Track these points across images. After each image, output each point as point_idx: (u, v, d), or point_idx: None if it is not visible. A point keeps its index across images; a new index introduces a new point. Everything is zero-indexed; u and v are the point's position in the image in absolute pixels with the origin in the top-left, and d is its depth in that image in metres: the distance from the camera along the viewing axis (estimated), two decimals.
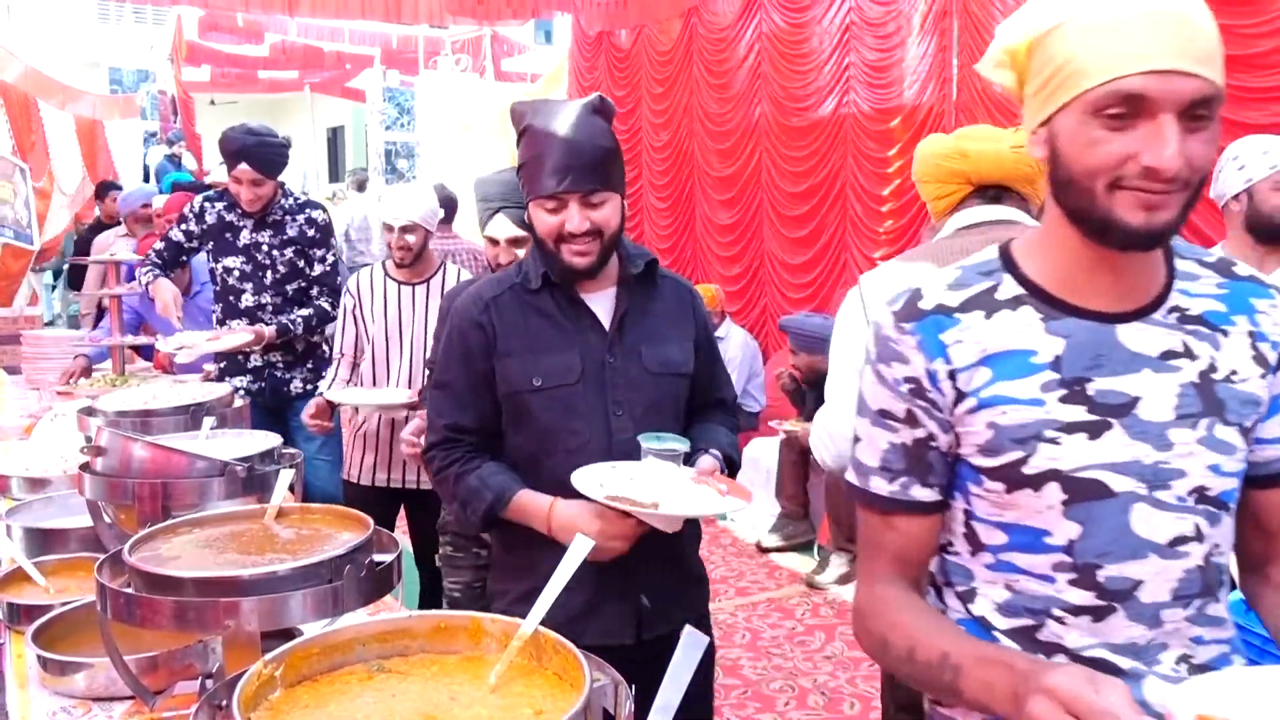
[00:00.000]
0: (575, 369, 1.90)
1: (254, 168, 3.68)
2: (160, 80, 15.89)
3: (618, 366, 1.92)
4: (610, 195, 1.86)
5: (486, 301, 1.94)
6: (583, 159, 1.82)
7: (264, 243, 3.82)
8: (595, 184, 1.83)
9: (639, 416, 1.91)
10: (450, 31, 12.76)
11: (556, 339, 1.91)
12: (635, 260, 1.97)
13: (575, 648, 1.08)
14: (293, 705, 1.06)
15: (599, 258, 1.88)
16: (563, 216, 1.84)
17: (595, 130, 1.85)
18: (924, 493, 1.25)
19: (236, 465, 1.74)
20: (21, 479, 2.46)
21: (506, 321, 1.92)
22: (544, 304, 1.93)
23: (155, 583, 1.31)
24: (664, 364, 1.96)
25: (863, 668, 4.00)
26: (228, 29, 13.44)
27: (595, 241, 1.86)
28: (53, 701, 1.62)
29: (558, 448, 1.90)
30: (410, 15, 8.65)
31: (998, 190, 2.02)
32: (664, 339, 1.98)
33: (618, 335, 1.93)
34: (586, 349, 1.91)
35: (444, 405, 1.98)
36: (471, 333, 1.93)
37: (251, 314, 3.82)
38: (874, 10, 5.94)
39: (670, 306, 2.02)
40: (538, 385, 1.89)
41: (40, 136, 10.16)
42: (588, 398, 1.90)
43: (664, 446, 1.83)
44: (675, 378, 1.98)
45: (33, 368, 4.45)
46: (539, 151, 1.85)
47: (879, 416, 1.24)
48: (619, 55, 8.51)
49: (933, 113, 5.59)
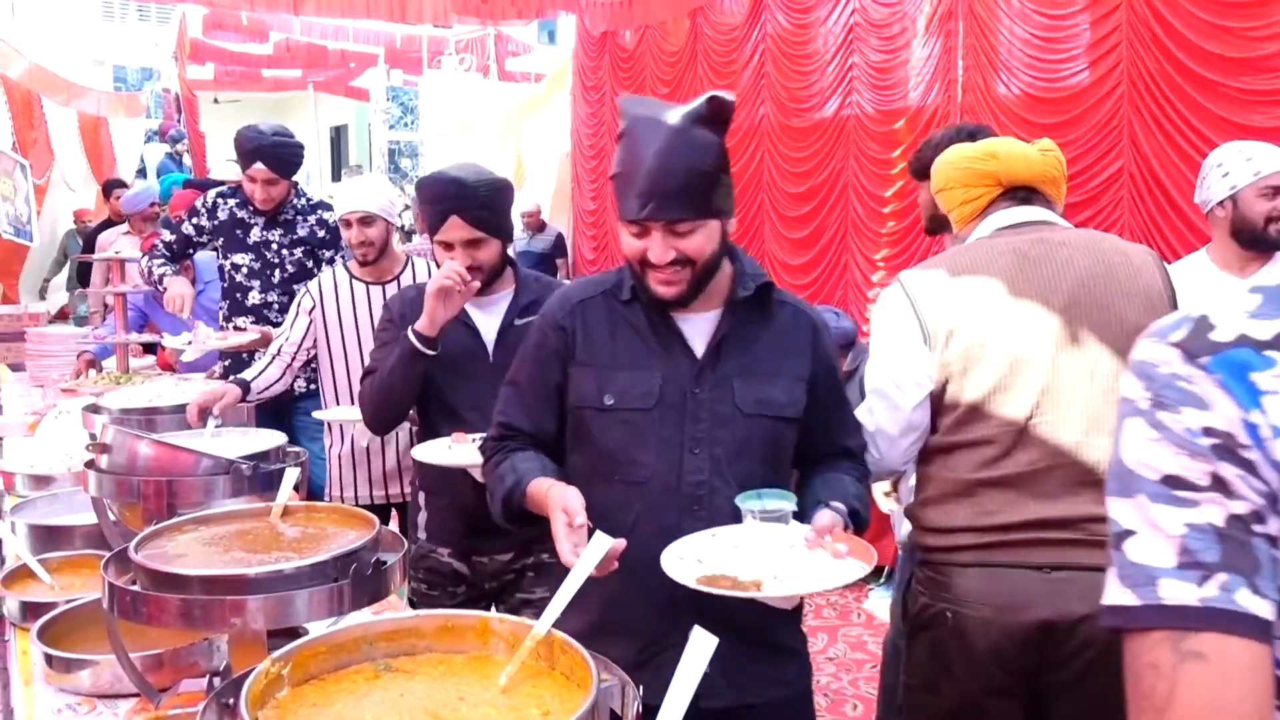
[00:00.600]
0: (653, 394, 1.70)
1: (269, 167, 3.68)
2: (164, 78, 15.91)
3: (703, 399, 1.70)
4: (701, 224, 1.64)
5: (574, 305, 1.79)
6: (671, 184, 1.60)
7: (274, 241, 3.82)
8: (683, 213, 1.62)
9: (720, 459, 1.69)
10: (454, 31, 12.76)
11: (639, 357, 1.73)
12: (746, 281, 1.74)
13: (583, 648, 1.08)
14: (300, 704, 1.06)
15: (689, 288, 1.68)
16: (646, 243, 1.65)
17: (694, 148, 1.62)
18: (1254, 602, 0.78)
19: (242, 463, 1.74)
20: (26, 476, 2.47)
21: (590, 329, 1.76)
22: (635, 317, 1.75)
23: (162, 580, 1.31)
24: (760, 403, 1.72)
25: (865, 669, 4.00)
26: (232, 27, 13.45)
27: (684, 270, 1.66)
28: (58, 699, 1.62)
29: (616, 477, 1.72)
30: (414, 14, 8.65)
31: (1027, 191, 2.01)
32: (766, 374, 1.74)
33: (710, 364, 1.72)
34: (671, 374, 1.71)
35: (507, 402, 1.85)
36: (551, 335, 1.79)
37: (257, 312, 3.81)
38: (879, 12, 5.94)
39: (783, 338, 1.77)
40: (608, 404, 1.72)
41: (42, 133, 10.17)
42: (662, 428, 1.70)
43: (767, 507, 1.58)
44: (773, 421, 1.73)
45: (37, 365, 4.45)
46: (627, 167, 1.65)
47: (1164, 488, 0.82)
48: (624, 56, 8.52)
49: (937, 115, 5.58)
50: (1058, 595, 1.80)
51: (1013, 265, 1.89)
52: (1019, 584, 1.82)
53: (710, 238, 1.66)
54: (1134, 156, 4.64)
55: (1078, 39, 4.91)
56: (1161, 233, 4.54)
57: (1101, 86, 4.76)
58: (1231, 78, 4.22)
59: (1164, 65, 4.48)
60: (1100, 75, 4.78)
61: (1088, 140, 4.81)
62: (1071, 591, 1.80)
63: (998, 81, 5.25)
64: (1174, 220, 4.48)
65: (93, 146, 11.55)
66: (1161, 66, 4.48)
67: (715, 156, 1.64)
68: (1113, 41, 4.70)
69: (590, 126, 9.09)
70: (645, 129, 1.63)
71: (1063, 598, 1.80)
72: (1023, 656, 1.83)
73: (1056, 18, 4.96)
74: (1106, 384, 1.85)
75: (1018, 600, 1.82)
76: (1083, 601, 1.79)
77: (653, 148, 1.61)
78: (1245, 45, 4.18)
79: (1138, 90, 4.59)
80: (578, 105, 9.30)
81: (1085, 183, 4.85)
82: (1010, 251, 1.91)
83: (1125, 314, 1.86)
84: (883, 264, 6.03)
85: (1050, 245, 1.91)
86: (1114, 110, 4.71)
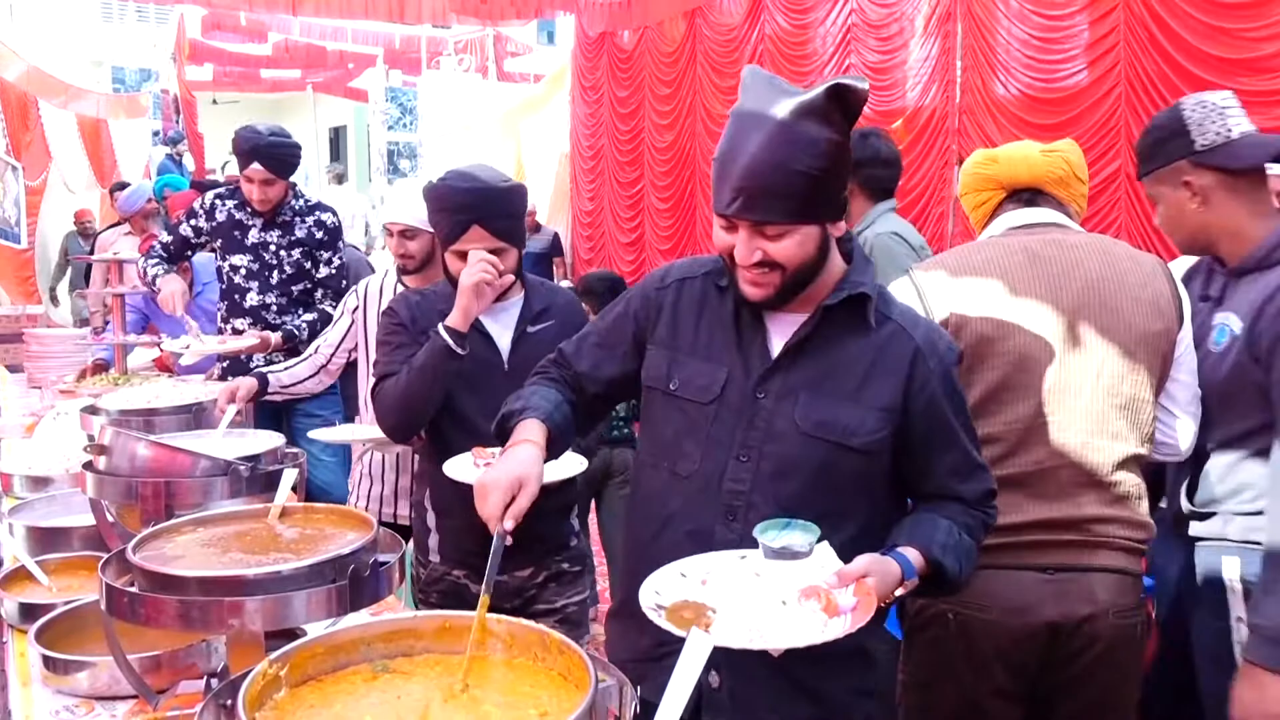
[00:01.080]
0: (715, 389, 1.60)
1: (266, 167, 3.67)
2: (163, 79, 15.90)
3: (765, 406, 1.58)
4: (794, 228, 1.50)
5: (675, 280, 1.71)
6: (763, 182, 1.46)
7: (272, 242, 3.79)
8: (772, 215, 1.48)
9: (767, 474, 1.56)
10: (453, 31, 12.77)
11: (714, 348, 1.63)
12: (842, 287, 1.58)
13: (580, 649, 1.08)
14: (298, 705, 1.06)
15: (778, 292, 1.55)
16: (733, 239, 1.54)
17: (798, 146, 1.45)
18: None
19: (240, 465, 1.74)
20: (24, 477, 2.46)
21: (680, 309, 1.68)
22: (725, 305, 1.64)
23: (160, 582, 1.31)
24: (821, 425, 1.55)
25: None
26: (231, 28, 13.45)
27: (773, 274, 1.53)
28: (55, 700, 1.62)
29: (664, 465, 1.65)
30: (413, 15, 8.66)
31: (1031, 193, 2.01)
32: (839, 393, 1.56)
33: (780, 369, 1.58)
34: (739, 372, 1.60)
35: (578, 340, 1.78)
36: (640, 303, 1.72)
37: (255, 313, 3.79)
38: (877, 12, 5.95)
39: (874, 356, 1.57)
40: (673, 389, 1.64)
41: (38, 135, 10.16)
42: (716, 427, 1.59)
43: (773, 544, 1.44)
44: (834, 446, 1.55)
45: (35, 366, 4.45)
46: (725, 155, 1.52)
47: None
48: (622, 56, 8.52)
49: (935, 115, 5.59)
50: (1062, 596, 1.81)
51: (1023, 263, 1.90)
52: (1024, 586, 1.82)
53: (804, 243, 1.51)
54: (1131, 157, 4.64)
55: (1076, 40, 4.92)
56: (1158, 233, 4.54)
57: (1099, 87, 4.77)
58: (1228, 78, 4.23)
59: (1161, 66, 4.48)
60: (1098, 76, 4.79)
61: (1085, 140, 4.81)
62: (1075, 592, 1.81)
63: (996, 82, 5.25)
64: None
65: (94, 148, 11.55)
66: (1159, 67, 4.49)
67: (823, 156, 1.46)
68: (1110, 42, 4.71)
69: (589, 127, 9.10)
70: (753, 113, 1.49)
71: (1067, 599, 1.81)
72: (1027, 657, 1.84)
73: (1054, 18, 4.97)
74: (1111, 385, 1.85)
75: (1023, 602, 1.82)
76: (1086, 602, 1.81)
77: (755, 139, 1.46)
78: (1242, 46, 4.19)
79: (1135, 91, 4.60)
80: (576, 106, 9.31)
81: None
82: (1021, 250, 1.92)
83: (1133, 319, 1.87)
84: None
85: (1062, 246, 1.92)
86: (1111, 110, 4.72)
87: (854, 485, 1.58)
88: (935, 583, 1.54)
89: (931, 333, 1.62)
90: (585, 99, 9.11)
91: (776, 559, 1.42)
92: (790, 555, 1.43)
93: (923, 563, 1.50)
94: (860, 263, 1.62)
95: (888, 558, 1.46)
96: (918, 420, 1.57)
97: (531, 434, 1.58)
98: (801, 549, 1.43)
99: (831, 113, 1.46)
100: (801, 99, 1.45)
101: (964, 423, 1.63)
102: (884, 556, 1.46)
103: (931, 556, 1.51)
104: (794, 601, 1.36)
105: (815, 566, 1.42)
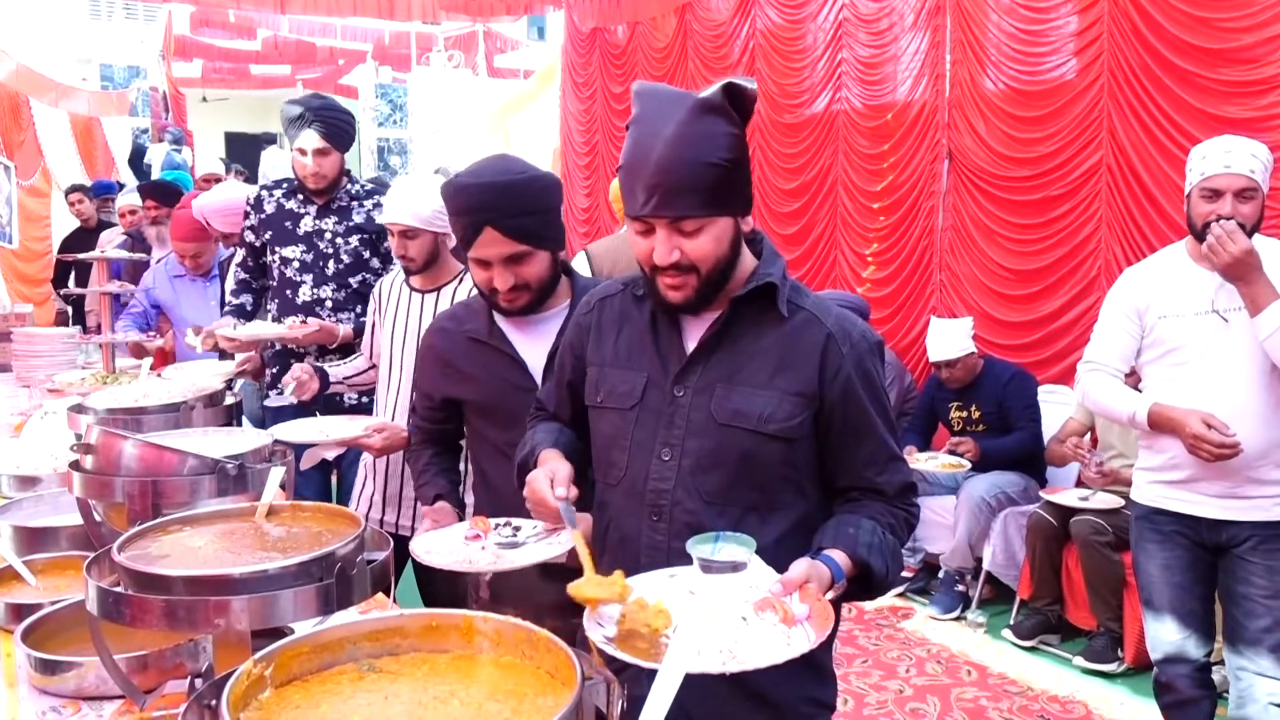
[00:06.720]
0: (635, 394, 1.64)
1: (319, 134, 3.37)
2: (151, 76, 15.82)
3: (683, 403, 1.60)
4: (710, 222, 1.52)
5: (596, 301, 1.77)
6: (674, 178, 1.48)
7: (327, 230, 3.49)
8: (688, 209, 1.50)
9: (688, 470, 1.58)
10: (443, 27, 12.73)
11: (634, 356, 1.67)
12: (752, 281, 1.60)
13: (567, 646, 1.07)
14: (283, 705, 1.06)
15: (697, 293, 1.56)
16: (651, 242, 1.54)
17: (703, 139, 1.48)
18: None
19: (227, 463, 1.73)
20: (12, 477, 2.45)
21: (603, 326, 1.72)
22: (642, 315, 1.68)
23: (145, 581, 1.30)
24: (736, 414, 1.57)
25: (856, 664, 4.01)
26: (219, 24, 13.41)
27: (690, 275, 1.55)
28: (42, 701, 1.61)
29: (600, 478, 1.70)
30: (403, 11, 8.63)
31: None
32: (753, 382, 1.58)
33: (694, 366, 1.61)
34: (657, 375, 1.63)
35: (547, 382, 1.93)
36: (574, 333, 1.78)
37: (309, 309, 3.48)
38: (867, 7, 5.95)
39: (787, 344, 1.59)
40: (599, 401, 1.69)
41: (31, 134, 10.10)
42: (638, 430, 1.63)
43: (710, 557, 1.40)
44: (749, 434, 1.56)
45: (23, 365, 4.43)
46: (632, 159, 1.53)
47: None
48: (614, 52, 8.50)
49: (925, 109, 5.59)
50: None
51: None
52: None
53: (719, 239, 1.54)
54: (1112, 149, 4.66)
55: (1062, 32, 4.93)
56: (1138, 225, 4.57)
57: (1084, 79, 4.78)
58: (1209, 69, 4.25)
59: (1143, 57, 4.50)
60: (1083, 67, 4.80)
61: (1069, 133, 4.83)
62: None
63: (984, 76, 5.26)
64: (1150, 213, 4.51)
65: (85, 147, 11.48)
66: (1141, 58, 4.51)
67: (728, 148, 1.50)
68: (1094, 34, 4.73)
69: (582, 123, 9.07)
70: (653, 118, 1.51)
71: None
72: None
73: (1042, 11, 4.98)
74: None
75: None
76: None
77: (660, 135, 1.48)
78: (1222, 37, 4.21)
79: (1118, 82, 4.62)
80: (568, 101, 9.28)
81: (1065, 175, 4.87)
82: None
83: None
84: (872, 259, 6.04)
85: None
86: (1094, 102, 4.74)
87: (778, 476, 1.59)
88: (863, 584, 1.53)
89: (844, 320, 1.63)
90: (578, 94, 9.08)
91: (717, 573, 1.38)
92: (732, 568, 1.39)
93: (849, 564, 1.49)
94: (770, 256, 1.65)
95: (817, 561, 1.45)
96: (834, 409, 1.59)
97: (548, 454, 1.70)
98: (742, 558, 1.40)
99: (729, 109, 1.50)
100: (700, 97, 1.50)
101: (881, 412, 1.63)
102: (814, 560, 1.44)
103: (858, 557, 1.50)
104: (752, 617, 1.32)
105: (753, 578, 1.39)
